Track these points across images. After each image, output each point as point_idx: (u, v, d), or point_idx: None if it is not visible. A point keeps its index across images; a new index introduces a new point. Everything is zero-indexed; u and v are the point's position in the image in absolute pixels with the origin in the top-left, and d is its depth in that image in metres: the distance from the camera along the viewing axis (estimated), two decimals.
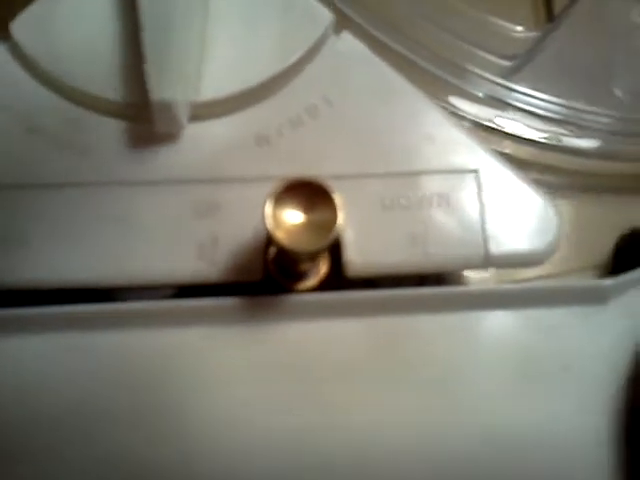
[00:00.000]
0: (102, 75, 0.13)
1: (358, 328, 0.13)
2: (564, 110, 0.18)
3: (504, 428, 0.12)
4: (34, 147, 0.13)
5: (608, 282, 0.13)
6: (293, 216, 0.11)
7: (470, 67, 0.17)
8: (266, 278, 0.13)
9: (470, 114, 0.17)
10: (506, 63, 0.18)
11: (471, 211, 0.13)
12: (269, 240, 0.12)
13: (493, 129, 0.18)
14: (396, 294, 0.13)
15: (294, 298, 0.13)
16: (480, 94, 0.17)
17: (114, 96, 0.13)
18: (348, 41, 0.14)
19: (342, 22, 0.15)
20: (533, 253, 0.13)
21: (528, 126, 0.18)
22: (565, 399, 0.13)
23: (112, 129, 0.13)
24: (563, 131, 0.18)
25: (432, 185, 0.13)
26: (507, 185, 0.13)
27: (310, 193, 0.11)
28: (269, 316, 0.13)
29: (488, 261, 0.13)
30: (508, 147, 0.18)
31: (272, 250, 0.13)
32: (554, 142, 0.18)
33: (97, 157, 0.13)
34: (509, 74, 0.18)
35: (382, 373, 0.13)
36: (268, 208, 0.11)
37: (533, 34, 0.18)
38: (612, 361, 0.13)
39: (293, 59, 0.13)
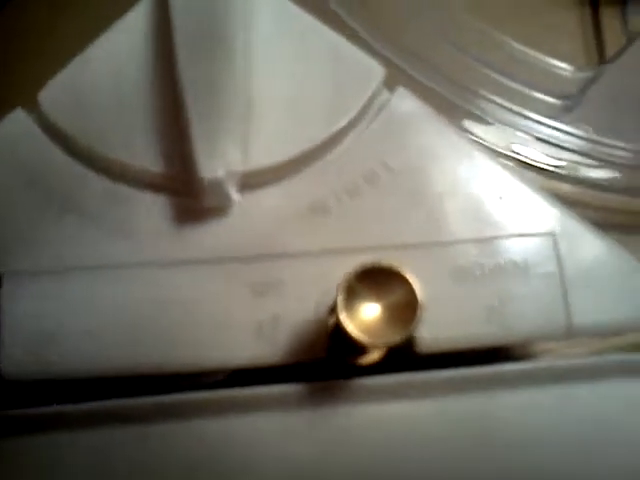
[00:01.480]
0: (141, 146, 0.12)
1: (430, 410, 0.12)
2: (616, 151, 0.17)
3: None
4: (69, 227, 0.12)
5: None
6: (367, 307, 0.10)
7: (521, 109, 0.16)
8: (328, 354, 0.12)
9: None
10: (556, 102, 0.17)
11: (550, 278, 0.12)
12: (331, 313, 0.11)
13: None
14: (471, 372, 0.12)
15: (360, 382, 0.11)
16: (535, 136, 0.16)
17: (155, 169, 0.12)
18: (404, 97, 0.13)
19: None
20: (621, 321, 0.12)
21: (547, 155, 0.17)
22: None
23: (154, 205, 0.12)
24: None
25: (506, 251, 0.12)
26: (588, 246, 0.12)
27: (384, 279, 0.10)
28: (335, 402, 0.11)
29: (572, 332, 0.12)
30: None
31: (332, 322, 0.11)
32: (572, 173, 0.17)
33: (139, 236, 0.12)
34: (559, 114, 0.17)
35: (457, 457, 0.12)
36: (340, 300, 0.09)
37: (583, 74, 0.17)
38: None
39: (347, 119, 0.12)
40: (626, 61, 0.16)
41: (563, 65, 0.17)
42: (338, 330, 0.12)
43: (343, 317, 0.09)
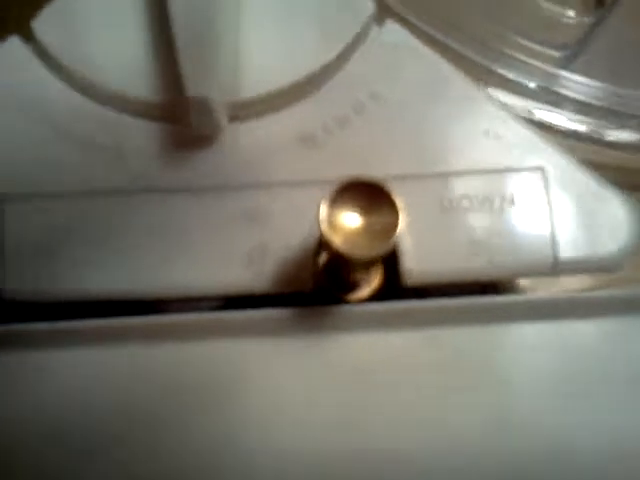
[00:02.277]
0: (134, 74, 0.12)
1: (415, 340, 0.12)
2: (617, 99, 0.17)
3: (569, 441, 0.11)
4: (64, 153, 0.12)
5: None
6: (350, 219, 0.10)
7: (521, 57, 0.16)
8: (316, 289, 0.12)
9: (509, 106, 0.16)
10: (557, 53, 0.17)
11: (538, 213, 0.12)
12: (320, 247, 0.11)
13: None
14: (455, 303, 0.12)
15: (348, 309, 0.12)
16: (532, 85, 0.16)
17: (148, 96, 0.12)
18: (394, 31, 0.13)
19: (381, 12, 0.14)
20: (607, 258, 0.12)
21: (570, 119, 0.17)
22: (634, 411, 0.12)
23: (147, 132, 0.12)
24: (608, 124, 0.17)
25: (494, 185, 0.12)
26: (577, 183, 0.12)
27: (368, 194, 0.10)
28: (322, 327, 0.11)
29: (557, 268, 0.12)
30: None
31: (323, 258, 0.11)
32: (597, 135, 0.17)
33: (132, 163, 0.12)
34: (562, 64, 0.16)
35: (439, 386, 0.12)
36: (323, 211, 0.10)
37: (584, 19, 0.17)
38: None
39: (335, 52, 0.12)
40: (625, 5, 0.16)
41: (562, 11, 0.16)
42: (327, 264, 0.12)
43: (325, 228, 0.09)
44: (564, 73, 0.16)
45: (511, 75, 0.16)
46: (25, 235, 0.11)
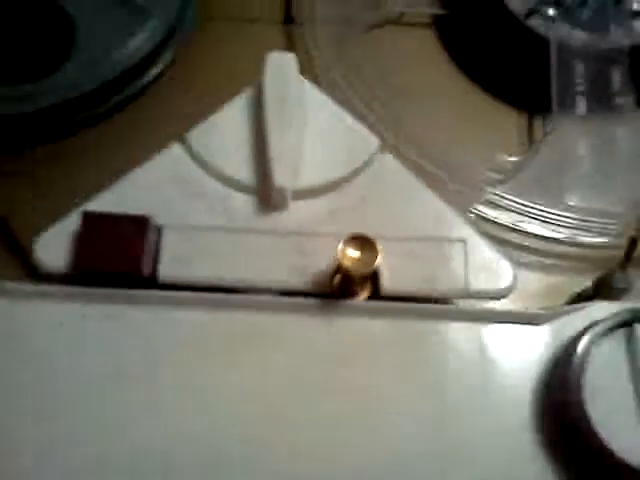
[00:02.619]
0: (246, 168, 0.22)
1: (387, 326, 0.21)
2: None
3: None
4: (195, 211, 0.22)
5: (542, 311, 0.21)
6: (353, 253, 0.19)
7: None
8: (331, 295, 0.21)
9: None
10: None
11: (459, 264, 0.21)
12: (336, 270, 0.20)
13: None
14: (411, 306, 0.21)
15: (348, 303, 0.21)
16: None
17: (249, 181, 0.22)
18: (390, 160, 0.23)
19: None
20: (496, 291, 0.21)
21: None
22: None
23: (245, 200, 0.22)
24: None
25: (436, 248, 0.21)
26: (483, 251, 0.21)
27: (362, 242, 0.19)
28: (331, 312, 0.21)
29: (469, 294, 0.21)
30: None
31: (337, 278, 0.21)
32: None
33: (234, 214, 0.22)
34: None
35: (396, 358, 0.20)
36: (340, 248, 0.19)
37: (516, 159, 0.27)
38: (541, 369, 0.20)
39: (352, 168, 0.22)
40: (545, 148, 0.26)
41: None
42: (340, 281, 0.21)
43: (340, 257, 0.19)
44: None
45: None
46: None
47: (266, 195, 0.22)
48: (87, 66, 0.26)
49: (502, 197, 0.26)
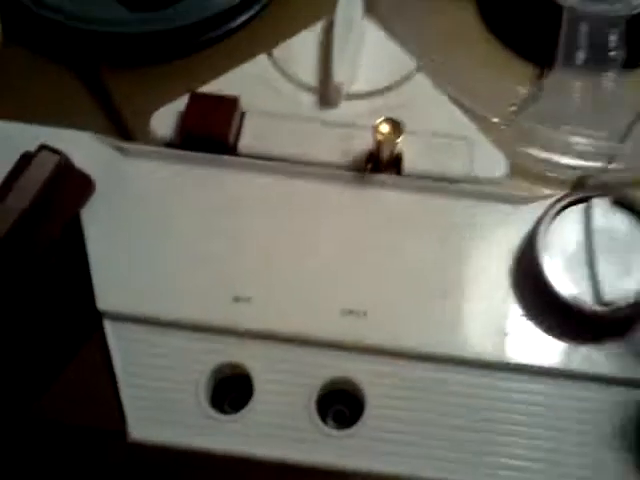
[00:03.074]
0: (312, 74, 0.29)
1: (405, 197, 0.27)
2: None
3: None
4: None
5: (525, 194, 0.27)
6: (384, 129, 0.26)
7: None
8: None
9: None
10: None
11: (466, 155, 0.28)
12: (370, 153, 0.27)
13: None
14: (423, 183, 0.27)
15: (379, 176, 0.27)
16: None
17: (316, 84, 0.29)
18: (421, 79, 0.29)
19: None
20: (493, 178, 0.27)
21: None
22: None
23: (311, 98, 0.29)
24: None
25: (448, 141, 0.28)
26: (486, 148, 0.28)
27: (392, 123, 0.26)
28: (367, 183, 0.27)
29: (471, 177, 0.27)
30: None
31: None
32: None
33: (304, 108, 0.29)
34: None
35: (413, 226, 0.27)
36: (375, 123, 0.26)
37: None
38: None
39: (394, 80, 0.29)
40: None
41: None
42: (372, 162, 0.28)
43: (375, 129, 0.25)
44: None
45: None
46: None
47: (325, 95, 0.29)
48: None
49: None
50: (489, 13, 0.37)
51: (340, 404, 0.26)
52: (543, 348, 0.25)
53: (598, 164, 0.31)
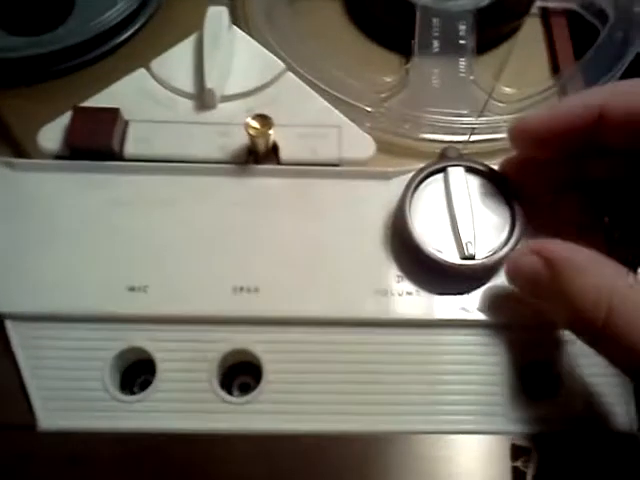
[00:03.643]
0: (189, 82, 0.32)
1: (284, 182, 0.30)
2: None
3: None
4: None
5: (391, 169, 0.30)
6: (255, 124, 0.28)
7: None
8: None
9: None
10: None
11: (334, 141, 0.30)
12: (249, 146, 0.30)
13: None
14: (299, 168, 0.30)
15: (258, 167, 0.30)
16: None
17: (192, 91, 0.31)
18: (291, 78, 0.32)
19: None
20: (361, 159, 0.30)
21: None
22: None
23: (189, 104, 0.31)
24: None
25: (318, 130, 0.31)
26: (353, 133, 0.31)
27: (262, 118, 0.28)
28: (247, 174, 0.30)
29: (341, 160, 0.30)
30: None
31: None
32: None
33: (183, 113, 0.31)
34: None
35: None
36: (246, 121, 0.28)
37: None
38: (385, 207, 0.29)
39: (264, 81, 0.32)
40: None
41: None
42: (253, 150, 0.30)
43: (246, 126, 0.28)
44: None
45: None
46: None
47: (201, 99, 0.31)
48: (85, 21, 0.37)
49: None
50: (354, 10, 0.40)
51: (246, 376, 0.28)
52: (419, 303, 0.28)
53: (460, 137, 0.35)
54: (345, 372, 0.27)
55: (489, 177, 0.29)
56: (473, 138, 0.35)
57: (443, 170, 0.29)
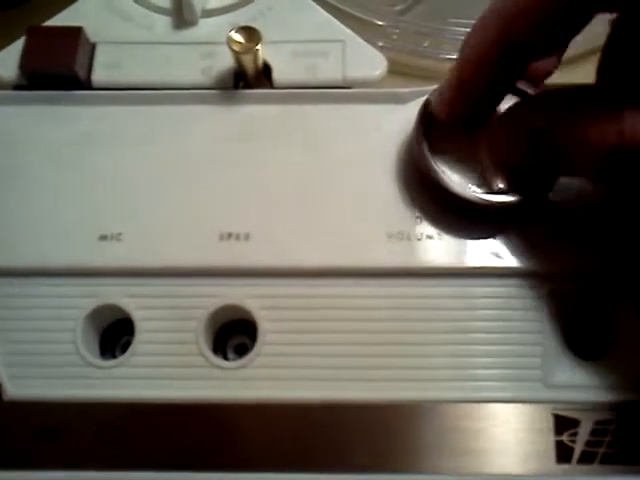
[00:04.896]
0: None
1: (277, 110, 0.25)
2: None
3: None
4: None
5: (405, 90, 0.25)
6: (239, 38, 0.24)
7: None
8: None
9: None
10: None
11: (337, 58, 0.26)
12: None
13: None
14: (294, 92, 0.26)
15: (247, 91, 0.26)
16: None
17: (168, 5, 0.27)
18: None
19: None
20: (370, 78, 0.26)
21: None
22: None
23: (166, 21, 0.27)
24: None
25: (317, 47, 0.26)
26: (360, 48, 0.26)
27: (248, 30, 0.24)
28: (235, 100, 0.26)
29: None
30: None
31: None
32: None
33: (159, 32, 0.27)
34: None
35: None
36: (229, 35, 0.24)
37: None
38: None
39: None
40: None
41: None
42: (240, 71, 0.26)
43: (229, 41, 0.24)
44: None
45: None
46: None
47: (180, 15, 0.26)
48: None
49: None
50: None
51: (243, 336, 0.24)
52: (441, 248, 0.24)
53: None
54: (355, 331, 0.23)
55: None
56: None
57: None
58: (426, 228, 0.24)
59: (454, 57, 0.30)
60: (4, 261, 0.23)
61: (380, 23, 0.30)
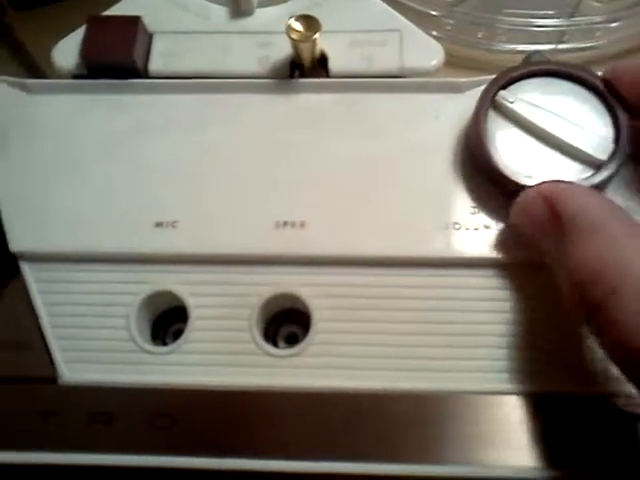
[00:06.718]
0: None
1: (335, 98, 0.25)
2: None
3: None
4: None
5: (463, 80, 0.25)
6: (298, 27, 0.24)
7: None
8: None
9: None
10: None
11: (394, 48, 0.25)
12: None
13: None
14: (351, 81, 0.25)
15: (304, 80, 0.26)
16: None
17: None
18: None
19: None
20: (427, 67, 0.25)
21: None
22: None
23: (222, 10, 0.27)
24: None
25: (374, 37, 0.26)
26: (417, 37, 0.26)
27: (307, 19, 0.24)
28: (291, 89, 0.25)
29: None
30: None
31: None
32: None
33: (215, 22, 0.27)
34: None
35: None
36: (288, 22, 0.24)
37: None
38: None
39: None
40: None
41: None
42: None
43: (288, 29, 0.23)
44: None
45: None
46: None
47: (236, 4, 0.27)
48: None
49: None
50: None
51: (293, 325, 0.24)
52: (499, 240, 0.23)
53: (545, 47, 0.29)
54: (408, 321, 0.22)
55: (587, 85, 0.24)
56: (561, 46, 0.29)
57: (529, 77, 0.24)
58: (483, 219, 0.23)
59: (508, 48, 0.29)
60: (60, 247, 0.24)
61: (434, 13, 0.30)
